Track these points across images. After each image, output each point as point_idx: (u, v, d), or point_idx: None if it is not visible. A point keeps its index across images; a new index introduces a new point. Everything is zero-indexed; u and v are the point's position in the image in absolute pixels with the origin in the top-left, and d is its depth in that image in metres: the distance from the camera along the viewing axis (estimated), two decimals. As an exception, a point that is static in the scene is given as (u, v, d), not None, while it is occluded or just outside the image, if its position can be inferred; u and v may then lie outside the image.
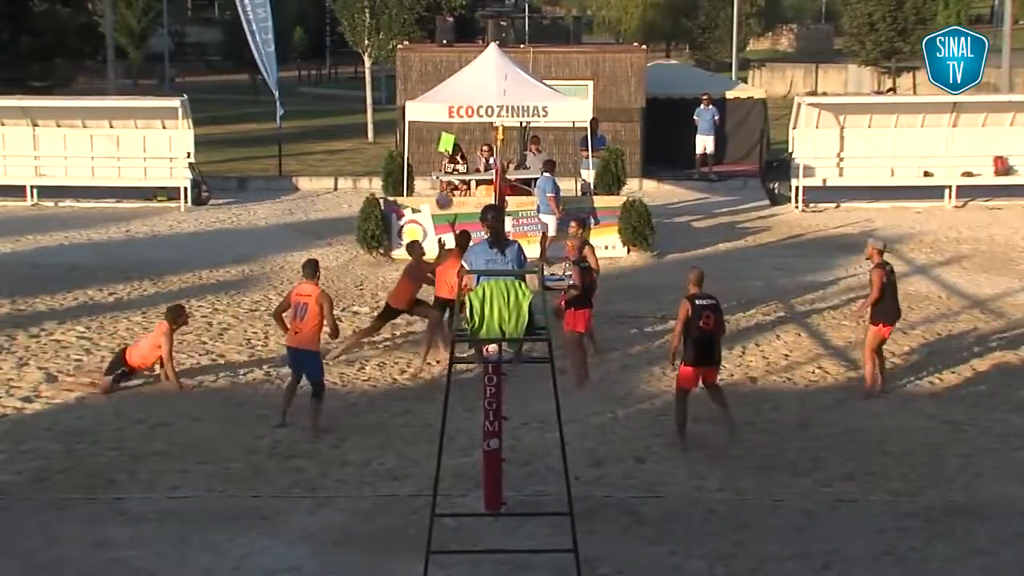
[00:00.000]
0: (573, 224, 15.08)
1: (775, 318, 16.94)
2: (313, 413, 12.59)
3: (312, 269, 12.89)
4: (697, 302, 12.11)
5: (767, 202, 25.94)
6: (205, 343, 15.72)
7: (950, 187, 25.62)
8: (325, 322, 12.63)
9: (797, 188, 25.40)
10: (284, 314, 12.90)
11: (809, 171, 25.46)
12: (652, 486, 11.24)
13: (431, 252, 16.40)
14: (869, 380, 13.71)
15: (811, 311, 17.29)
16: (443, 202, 20.60)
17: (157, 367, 14.04)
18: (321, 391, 12.68)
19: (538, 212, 20.20)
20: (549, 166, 20.21)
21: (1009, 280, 19.09)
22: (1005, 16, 36.99)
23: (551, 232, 20.01)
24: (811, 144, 25.68)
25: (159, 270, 19.61)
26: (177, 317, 14.10)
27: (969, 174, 25.72)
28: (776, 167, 26.36)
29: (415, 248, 15.66)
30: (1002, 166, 25.80)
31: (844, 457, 11.89)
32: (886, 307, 13.60)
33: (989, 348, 15.49)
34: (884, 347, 13.89)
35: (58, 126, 26.25)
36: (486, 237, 12.06)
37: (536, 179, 21.79)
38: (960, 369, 14.65)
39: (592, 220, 19.58)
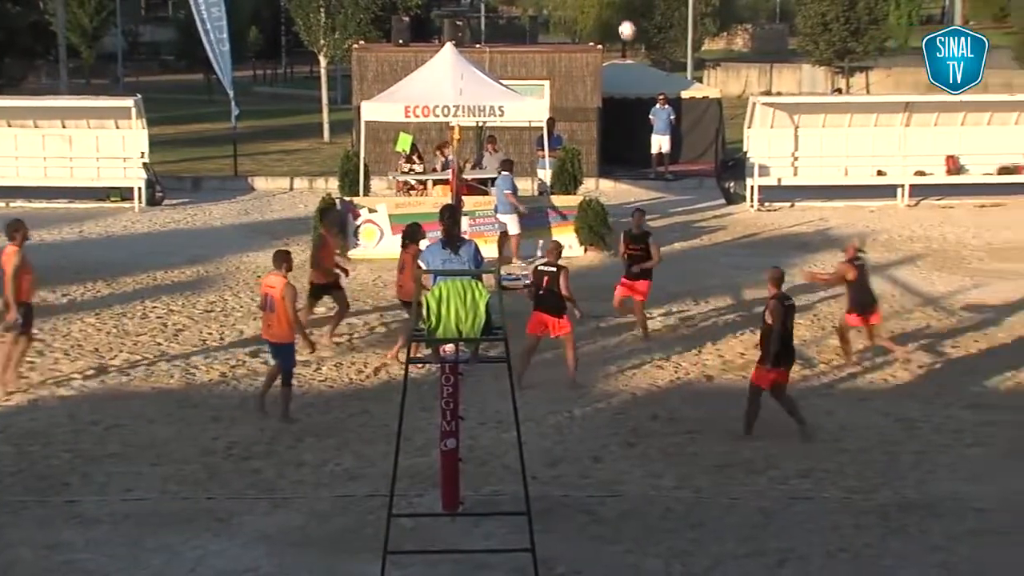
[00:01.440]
0: (636, 215, 16.01)
1: (732, 317, 17.01)
2: (282, 402, 12.72)
3: (279, 260, 12.90)
4: (785, 303, 12.24)
5: (723, 201, 26.07)
6: (160, 344, 15.61)
7: (903, 186, 25.84)
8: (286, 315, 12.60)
9: (752, 187, 25.54)
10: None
11: (764, 170, 25.62)
12: (609, 485, 11.26)
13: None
14: (847, 356, 14.85)
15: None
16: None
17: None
18: (289, 380, 12.81)
19: (496, 212, 20.20)
20: (507, 165, 20.22)
21: (961, 278, 19.27)
22: (955, 16, 37.41)
23: (512, 231, 20.02)
24: (766, 143, 25.83)
25: (113, 271, 19.45)
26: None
27: (922, 173, 25.96)
28: (731, 166, 26.50)
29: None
30: (954, 165, 26.07)
31: (800, 455, 11.96)
32: (858, 299, 14.65)
33: (942, 345, 15.64)
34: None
35: (9, 126, 25.98)
36: (440, 237, 12.04)
37: (493, 179, 21.82)
38: (913, 367, 14.77)
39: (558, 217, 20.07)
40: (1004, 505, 10.84)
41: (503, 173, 20.08)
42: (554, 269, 13.89)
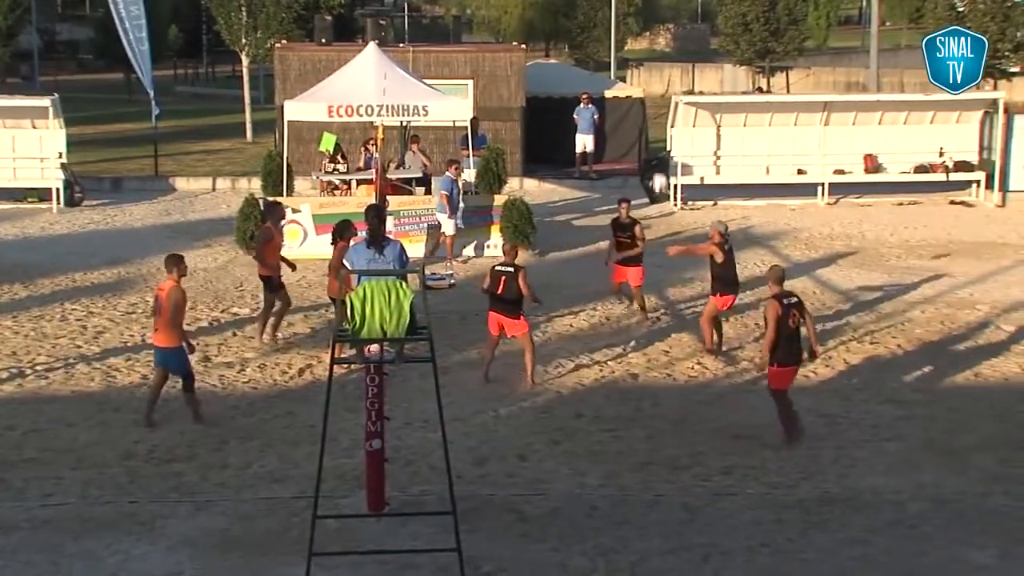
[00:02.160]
0: (623, 205, 16.92)
1: (655, 315, 17.12)
2: (192, 407, 12.55)
3: (170, 264, 12.55)
4: (785, 301, 12.22)
5: (646, 200, 26.23)
6: (80, 347, 15.39)
7: (823, 185, 26.19)
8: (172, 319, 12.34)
9: (675, 186, 25.73)
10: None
11: (687, 169, 25.84)
12: (534, 484, 11.30)
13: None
14: (707, 343, 15.11)
15: (690, 308, 17.52)
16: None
17: None
18: (191, 383, 12.64)
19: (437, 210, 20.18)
20: (451, 164, 20.28)
21: (880, 275, 19.57)
22: (872, 17, 37.96)
23: (447, 231, 20.01)
24: (688, 142, 26.05)
25: (30, 272, 19.15)
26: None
27: (841, 172, 26.33)
28: (655, 165, 26.68)
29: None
30: (872, 164, 26.47)
31: (723, 451, 12.08)
32: (721, 280, 14.95)
33: (861, 342, 15.88)
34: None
35: (-79, 126, 25.48)
36: (365, 236, 12.00)
37: (417, 178, 21.83)
38: (833, 363, 14.98)
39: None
40: (919, 497, 11.05)
41: (445, 173, 20.12)
42: (511, 269, 13.88)
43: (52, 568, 9.55)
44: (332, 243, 14.77)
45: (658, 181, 26.16)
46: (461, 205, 20.14)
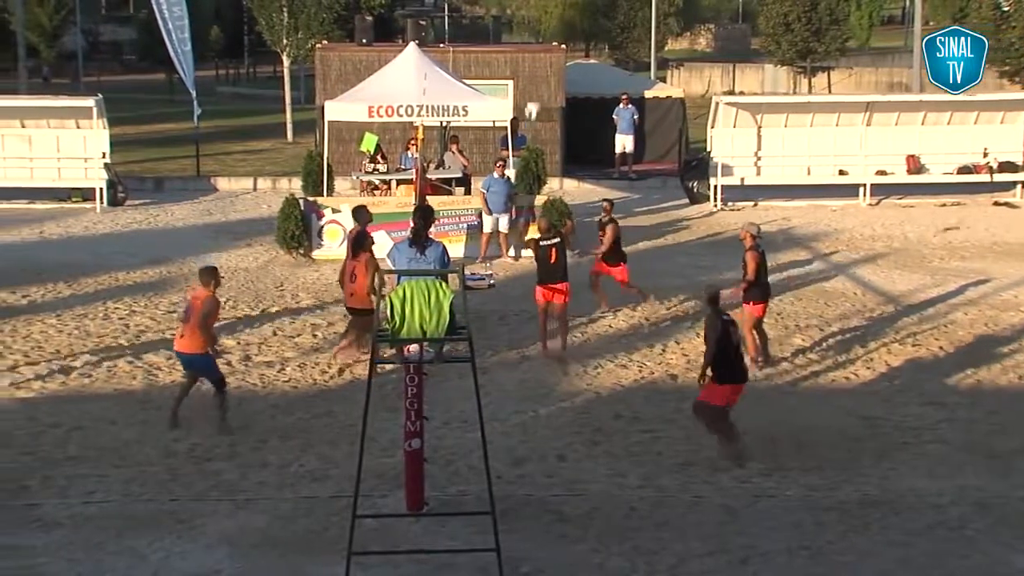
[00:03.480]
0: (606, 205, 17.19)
1: (695, 316, 17.05)
2: (221, 411, 12.57)
3: (207, 276, 12.58)
4: (724, 318, 11.95)
5: (686, 201, 26.16)
6: (122, 345, 15.51)
7: (864, 185, 26.02)
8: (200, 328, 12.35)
9: (715, 187, 25.65)
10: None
11: (727, 170, 25.74)
12: (573, 484, 11.28)
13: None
14: (751, 350, 14.53)
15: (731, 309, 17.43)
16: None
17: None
18: (223, 387, 12.66)
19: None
20: (498, 163, 20.44)
21: (921, 277, 19.42)
22: (916, 17, 37.68)
23: (503, 228, 20.10)
24: (729, 143, 25.95)
25: (74, 272, 19.31)
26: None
27: (883, 172, 26.16)
28: (695, 166, 26.60)
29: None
30: (914, 165, 26.28)
31: (763, 453, 12.01)
32: (760, 287, 14.60)
33: (903, 344, 15.75)
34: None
35: (-33, 126, 25.76)
36: (408, 236, 12.04)
37: (456, 178, 21.89)
38: (875, 365, 14.88)
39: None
40: (961, 500, 10.95)
41: (494, 174, 20.16)
42: (557, 240, 15.03)
43: (95, 565, 9.62)
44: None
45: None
46: (509, 204, 20.17)
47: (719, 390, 11.80)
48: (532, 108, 23.85)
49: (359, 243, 14.68)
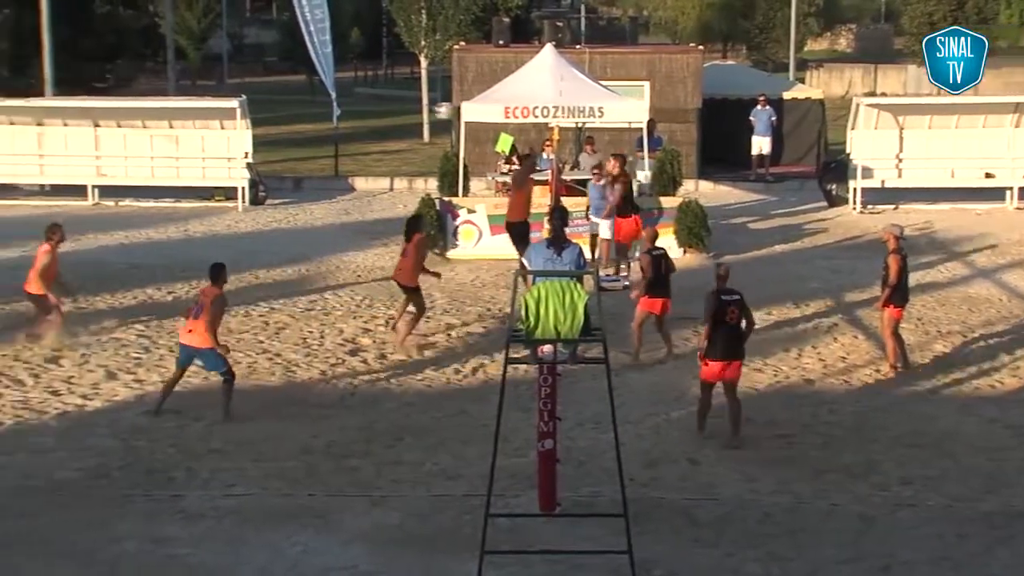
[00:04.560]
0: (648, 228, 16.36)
1: (832, 320, 16.80)
2: (224, 400, 12.92)
3: (220, 274, 13.38)
4: (723, 297, 12.26)
5: (824, 204, 25.75)
6: (262, 342, 15.84)
7: (1012, 189, 25.29)
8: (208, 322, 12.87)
9: (855, 189, 25.19)
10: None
11: (867, 172, 25.25)
12: (706, 488, 11.19)
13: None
14: (891, 357, 14.43)
15: (868, 314, 17.10)
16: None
17: None
18: (231, 378, 13.02)
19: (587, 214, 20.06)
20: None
21: (1071, 283, 18.82)
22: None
23: (604, 235, 19.90)
24: (869, 145, 25.46)
25: (217, 269, 19.72)
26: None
27: (1032, 175, 25.40)
28: (834, 168, 26.17)
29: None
30: (1066, 167, 25.46)
31: (901, 461, 11.77)
32: (900, 291, 14.32)
33: (1051, 352, 15.28)
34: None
35: (119, 126, 26.56)
36: (545, 236, 12.07)
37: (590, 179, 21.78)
38: (1021, 373, 14.45)
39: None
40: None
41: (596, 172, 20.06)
42: (663, 249, 15.41)
43: (236, 558, 9.83)
44: (407, 238, 15.85)
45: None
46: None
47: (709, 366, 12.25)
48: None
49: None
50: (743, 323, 12.41)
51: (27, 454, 11.94)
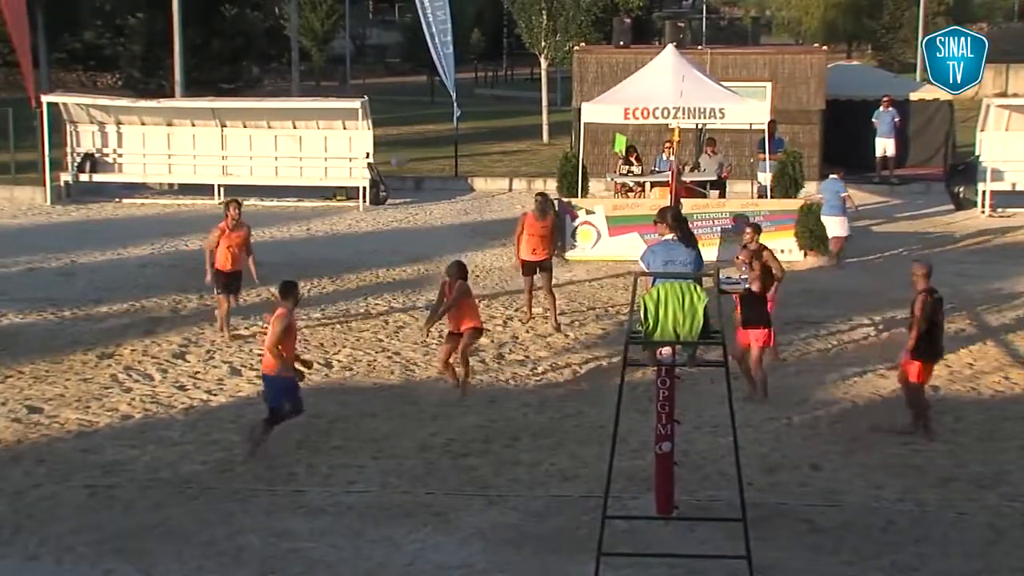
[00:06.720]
0: (748, 231, 14.44)
1: (960, 326, 16.41)
2: (257, 433, 11.91)
3: (290, 292, 12.15)
4: (935, 295, 12.02)
5: (951, 207, 25.19)
6: (381, 340, 16.00)
7: None
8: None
9: (984, 192, 24.60)
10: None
11: (997, 175, 24.64)
12: (828, 494, 11.01)
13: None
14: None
15: (997, 319, 16.71)
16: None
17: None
18: (272, 421, 11.88)
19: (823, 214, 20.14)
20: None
21: None
22: None
23: (837, 233, 19.82)
24: (1000, 147, 24.83)
25: (338, 268, 20.03)
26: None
27: None
28: (962, 171, 25.58)
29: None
30: None
31: (1032, 471, 11.46)
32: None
33: None
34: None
35: (244, 127, 27.07)
36: (667, 238, 11.99)
37: (711, 181, 21.67)
38: None
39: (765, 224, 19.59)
40: None
41: (832, 176, 20.11)
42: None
43: (355, 552, 9.95)
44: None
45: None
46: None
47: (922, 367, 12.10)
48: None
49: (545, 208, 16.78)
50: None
51: (155, 446, 12.22)
